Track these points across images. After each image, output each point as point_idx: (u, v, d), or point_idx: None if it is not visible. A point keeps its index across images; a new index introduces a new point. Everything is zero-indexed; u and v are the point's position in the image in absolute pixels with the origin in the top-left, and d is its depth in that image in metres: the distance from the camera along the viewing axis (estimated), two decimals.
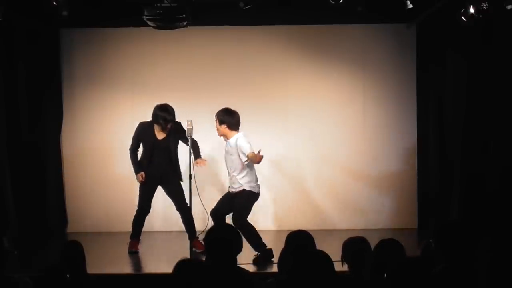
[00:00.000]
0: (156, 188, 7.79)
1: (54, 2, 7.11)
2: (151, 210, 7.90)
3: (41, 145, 9.06)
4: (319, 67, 9.23)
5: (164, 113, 7.52)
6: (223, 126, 7.26)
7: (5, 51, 8.57)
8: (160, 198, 8.58)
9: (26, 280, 4.58)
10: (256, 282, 4.24)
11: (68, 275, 4.67)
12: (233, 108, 8.69)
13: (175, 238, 8.70)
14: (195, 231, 7.75)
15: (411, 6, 7.24)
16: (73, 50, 9.20)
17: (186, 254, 7.27)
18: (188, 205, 7.68)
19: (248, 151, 7.13)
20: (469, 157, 8.43)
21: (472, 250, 4.05)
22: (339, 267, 4.26)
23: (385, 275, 3.85)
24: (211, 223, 7.36)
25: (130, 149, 7.75)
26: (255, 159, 7.04)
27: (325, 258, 3.79)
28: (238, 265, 4.30)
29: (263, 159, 7.06)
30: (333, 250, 4.15)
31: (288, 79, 9.22)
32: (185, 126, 7.38)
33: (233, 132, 7.27)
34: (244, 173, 7.24)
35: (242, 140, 7.20)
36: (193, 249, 7.67)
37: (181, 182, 7.75)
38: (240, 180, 7.26)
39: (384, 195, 9.18)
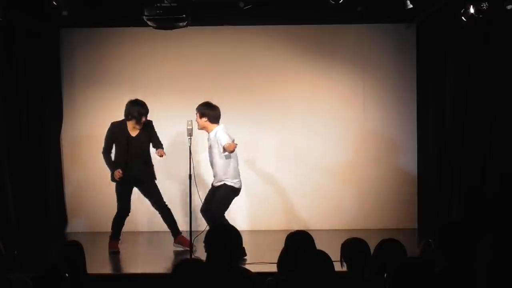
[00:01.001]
0: (132, 188, 7.80)
1: (54, 2, 7.12)
2: (151, 210, 7.89)
3: (41, 145, 9.06)
4: (319, 67, 9.23)
5: (137, 106, 7.61)
6: (204, 119, 7.41)
7: (5, 51, 8.58)
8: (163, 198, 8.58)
9: (26, 280, 4.58)
10: (256, 282, 4.24)
11: (68, 275, 4.67)
12: (233, 108, 8.72)
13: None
14: (177, 228, 7.82)
15: (411, 6, 7.23)
16: (73, 50, 9.20)
17: (186, 254, 7.26)
18: (166, 203, 7.76)
19: (224, 142, 7.25)
20: (469, 157, 8.43)
21: (472, 250, 4.05)
22: (339, 267, 4.26)
23: (385, 275, 3.84)
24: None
25: (103, 152, 7.75)
26: (229, 148, 7.16)
27: (325, 258, 3.79)
28: (238, 265, 4.30)
29: (236, 148, 7.21)
30: (333, 250, 4.15)
31: (288, 79, 9.22)
32: (185, 126, 7.39)
33: (214, 125, 7.42)
34: (225, 166, 7.36)
35: (221, 132, 7.35)
36: (178, 245, 7.75)
37: (155, 181, 7.81)
38: (221, 173, 7.38)
39: (384, 195, 9.18)
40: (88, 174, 9.23)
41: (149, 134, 7.78)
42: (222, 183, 7.43)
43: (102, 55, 9.20)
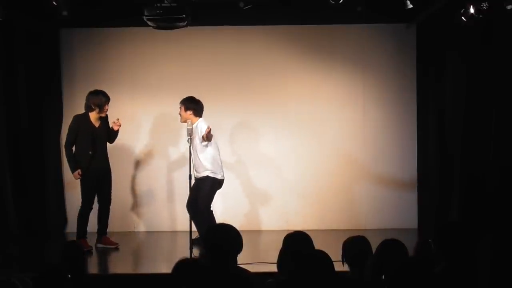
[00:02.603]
0: (96, 182, 7.83)
1: (54, 2, 7.11)
2: (152, 210, 7.89)
3: (41, 145, 9.06)
4: (319, 67, 9.23)
5: (99, 95, 7.74)
6: (189, 112, 7.67)
7: (5, 51, 8.58)
8: (162, 198, 8.62)
9: (26, 280, 4.58)
10: (256, 282, 4.24)
11: (68, 275, 4.67)
12: (233, 107, 8.72)
13: (175, 238, 8.72)
14: (106, 227, 7.92)
15: (411, 6, 7.23)
16: (73, 50, 9.20)
17: (186, 254, 7.26)
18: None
19: (204, 131, 7.45)
20: (469, 157, 8.43)
21: (472, 250, 4.05)
22: (339, 267, 4.26)
23: (385, 275, 3.85)
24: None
25: (66, 145, 7.79)
26: (206, 136, 7.39)
27: (324, 258, 3.79)
28: (238, 265, 4.30)
29: (212, 137, 7.48)
30: (333, 250, 4.15)
31: (288, 79, 9.21)
32: (185, 126, 7.40)
33: (197, 118, 7.68)
34: (206, 157, 7.58)
35: (202, 124, 7.60)
36: (99, 244, 7.85)
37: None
38: (202, 165, 7.59)
39: (384, 195, 9.18)
40: None
41: (107, 127, 7.89)
42: (204, 175, 7.62)
43: (102, 55, 9.20)
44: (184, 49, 9.19)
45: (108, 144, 7.97)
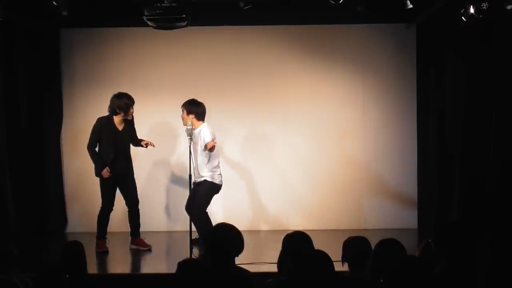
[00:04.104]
0: (117, 184, 7.82)
1: (54, 2, 7.11)
2: (152, 210, 7.89)
3: (41, 145, 9.06)
4: (319, 67, 9.23)
5: (124, 98, 7.65)
6: (191, 116, 7.61)
7: (5, 51, 8.58)
8: (162, 198, 8.61)
9: (26, 280, 4.58)
10: (256, 282, 4.24)
11: (68, 275, 4.67)
12: (233, 107, 8.72)
13: (176, 238, 8.72)
14: (139, 229, 7.88)
15: (411, 6, 7.23)
16: (73, 50, 9.20)
17: (186, 254, 7.26)
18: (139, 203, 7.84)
19: (208, 140, 7.46)
20: (469, 157, 8.43)
21: (472, 250, 4.05)
22: (339, 267, 4.26)
23: (384, 275, 3.84)
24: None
25: (88, 147, 7.76)
26: (209, 146, 7.38)
27: (324, 258, 3.79)
28: (238, 265, 4.30)
29: (215, 147, 7.46)
30: (333, 250, 4.14)
31: (288, 79, 9.21)
32: (184, 126, 7.40)
33: (200, 122, 7.64)
34: (206, 162, 7.57)
35: (205, 130, 7.59)
36: (135, 246, 7.83)
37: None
38: (202, 169, 7.58)
39: (384, 195, 9.18)
40: (88, 174, 9.20)
41: (131, 130, 7.84)
42: (202, 179, 7.61)
43: (102, 55, 9.20)
44: (184, 49, 9.19)
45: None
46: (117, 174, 7.73)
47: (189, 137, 7.41)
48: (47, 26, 8.83)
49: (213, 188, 7.67)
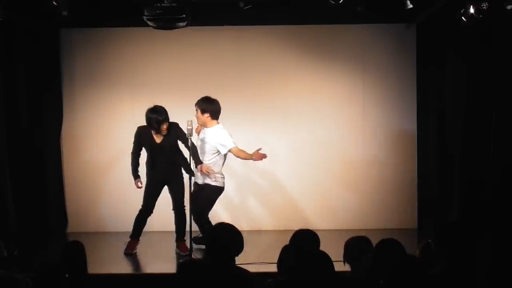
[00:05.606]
0: (161, 190, 7.74)
1: (54, 2, 7.11)
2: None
3: (41, 145, 9.06)
4: (319, 67, 9.23)
5: (154, 114, 7.41)
6: (206, 115, 7.50)
7: (5, 51, 8.57)
8: (162, 198, 8.56)
9: (26, 280, 4.58)
10: (256, 282, 4.24)
11: (68, 275, 4.67)
12: (233, 107, 8.71)
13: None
14: (183, 234, 7.73)
15: (411, 6, 7.23)
16: (73, 50, 9.19)
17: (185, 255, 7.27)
18: (185, 207, 7.67)
19: (229, 146, 7.38)
20: (469, 157, 8.44)
21: (472, 250, 4.05)
22: (340, 267, 4.26)
23: (384, 275, 3.84)
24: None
25: (131, 152, 7.70)
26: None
27: (324, 259, 3.79)
28: (238, 265, 4.30)
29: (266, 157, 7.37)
30: (333, 250, 4.15)
31: (288, 79, 9.22)
32: (185, 126, 7.37)
33: (214, 121, 7.53)
34: (213, 164, 7.45)
35: (224, 133, 7.48)
36: (176, 250, 7.75)
37: (184, 183, 7.65)
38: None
39: (384, 195, 9.18)
40: (88, 174, 9.24)
41: (175, 139, 7.59)
42: (205, 183, 7.51)
43: (102, 55, 9.20)
44: (184, 49, 9.19)
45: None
46: (159, 180, 7.63)
47: (189, 137, 7.39)
48: (47, 26, 8.83)
49: (217, 191, 7.59)
